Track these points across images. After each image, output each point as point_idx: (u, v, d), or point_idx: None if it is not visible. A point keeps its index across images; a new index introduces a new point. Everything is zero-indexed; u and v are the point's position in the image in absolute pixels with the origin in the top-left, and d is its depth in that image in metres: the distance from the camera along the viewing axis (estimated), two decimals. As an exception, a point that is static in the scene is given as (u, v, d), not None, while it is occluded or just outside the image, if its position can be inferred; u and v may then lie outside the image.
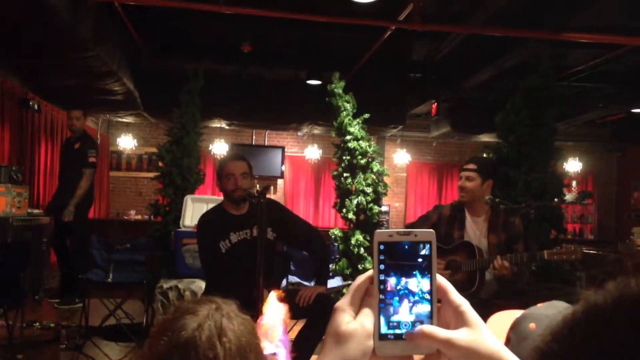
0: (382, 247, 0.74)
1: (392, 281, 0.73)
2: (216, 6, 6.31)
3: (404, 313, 0.73)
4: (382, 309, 0.73)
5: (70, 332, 4.96)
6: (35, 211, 6.80)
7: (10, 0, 4.60)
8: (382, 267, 0.74)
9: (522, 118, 5.67)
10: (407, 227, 4.11)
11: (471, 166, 3.98)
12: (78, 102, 6.99)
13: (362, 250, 5.75)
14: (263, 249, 3.25)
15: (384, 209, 6.22)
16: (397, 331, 0.73)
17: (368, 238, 5.82)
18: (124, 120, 10.91)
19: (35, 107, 7.77)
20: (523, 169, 5.54)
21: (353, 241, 5.76)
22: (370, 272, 0.77)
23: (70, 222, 6.10)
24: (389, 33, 6.50)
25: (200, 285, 5.01)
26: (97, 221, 9.11)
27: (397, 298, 0.73)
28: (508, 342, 1.27)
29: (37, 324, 5.32)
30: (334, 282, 5.54)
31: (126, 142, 11.33)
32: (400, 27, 6.26)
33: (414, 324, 0.72)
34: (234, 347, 1.06)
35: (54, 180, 8.39)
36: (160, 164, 6.30)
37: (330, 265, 5.65)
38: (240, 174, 3.65)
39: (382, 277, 0.73)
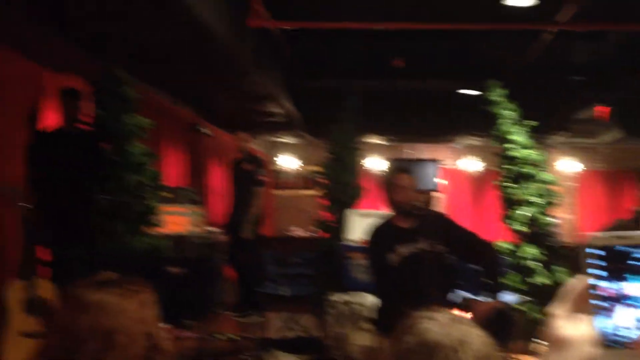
0: (596, 251, 0.70)
1: (609, 286, 0.69)
2: (370, 24, 6.41)
3: (625, 319, 0.68)
4: (600, 315, 0.69)
5: (251, 344, 5.18)
6: (212, 229, 7.26)
7: (177, 31, 4.96)
8: (597, 272, 0.70)
9: None
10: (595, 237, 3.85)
11: None
12: (242, 125, 7.37)
13: (534, 263, 5.49)
14: (431, 261, 3.22)
15: (554, 220, 5.90)
16: (619, 339, 0.68)
17: (539, 250, 5.55)
18: (285, 140, 11.35)
19: (205, 131, 8.31)
20: None
21: (523, 254, 5.52)
22: (583, 277, 0.72)
23: (247, 239, 6.47)
24: (547, 36, 6.22)
25: (369, 299, 5.03)
26: (264, 238, 9.50)
27: (615, 304, 0.69)
28: None
29: (220, 336, 5.62)
30: (505, 297, 5.33)
31: (288, 162, 11.78)
32: (562, 29, 5.96)
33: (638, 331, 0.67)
34: (478, 357, 1.05)
35: (226, 199, 8.92)
36: (322, 181, 6.46)
37: (501, 279, 5.45)
38: (411, 186, 3.66)
39: (597, 282, 0.69)
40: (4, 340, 3.50)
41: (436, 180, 11.52)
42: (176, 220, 6.14)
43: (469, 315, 3.43)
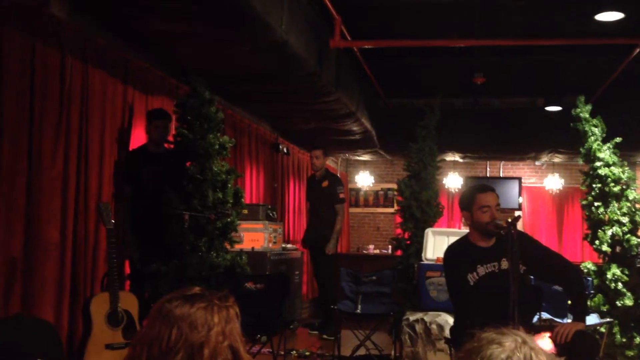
0: None
1: None
2: (450, 41, 6.39)
3: None
4: None
5: (325, 360, 5.23)
6: (289, 246, 7.37)
7: (263, 55, 5.09)
8: None
9: None
10: None
11: None
12: (319, 143, 7.47)
13: (619, 285, 5.28)
14: (515, 282, 3.15)
15: (641, 240, 5.67)
16: None
17: (626, 272, 5.33)
18: (361, 158, 11.39)
19: (285, 150, 8.46)
20: None
21: (609, 275, 5.31)
22: None
23: (329, 256, 6.58)
24: (636, 50, 6.00)
25: (445, 318, 4.98)
26: (340, 255, 9.57)
27: None
28: None
29: (295, 352, 5.70)
30: (590, 320, 5.15)
31: (364, 179, 11.82)
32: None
33: None
34: None
35: (302, 216, 9.05)
36: (399, 198, 6.45)
37: (586, 301, 5.28)
38: (494, 205, 3.61)
39: None
40: (87, 351, 3.66)
41: (518, 198, 11.25)
42: (254, 237, 6.28)
43: (547, 338, 3.33)
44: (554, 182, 11.13)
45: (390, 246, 7.48)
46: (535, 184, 11.77)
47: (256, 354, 4.65)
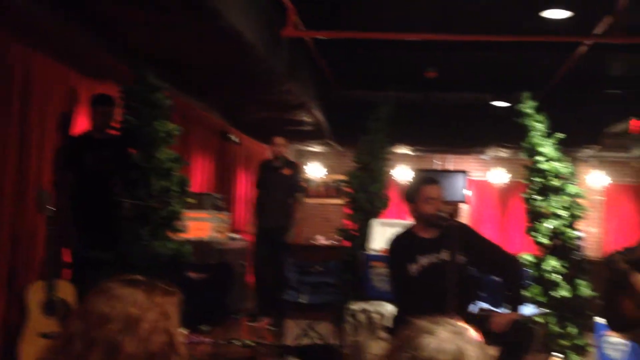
0: None
1: None
2: (402, 34, 6.43)
3: None
4: None
5: (267, 350, 5.23)
6: (236, 235, 7.33)
7: (213, 41, 5.03)
8: None
9: None
10: (625, 253, 3.83)
11: None
12: (271, 133, 7.45)
13: (557, 276, 5.44)
14: (453, 272, 3.22)
15: (579, 234, 5.84)
16: None
17: (563, 264, 5.50)
18: (312, 149, 11.41)
19: (235, 139, 8.40)
20: None
21: (547, 267, 5.47)
22: None
23: (288, 245, 6.59)
24: (583, 49, 6.17)
25: (388, 308, 5.05)
26: (289, 246, 9.58)
27: None
28: None
29: (237, 341, 5.68)
30: (526, 310, 5.29)
31: (315, 170, 11.84)
32: (598, 41, 5.90)
33: None
34: None
35: (250, 205, 9.01)
36: (348, 189, 6.49)
37: (523, 291, 5.41)
38: (439, 198, 3.68)
39: None
40: (22, 340, 3.58)
41: (464, 191, 11.46)
42: (200, 226, 6.23)
43: (479, 328, 3.41)
44: (499, 176, 11.39)
45: (338, 237, 7.53)
46: (481, 178, 12.00)
47: (198, 344, 4.62)
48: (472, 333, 2.44)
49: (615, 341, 5.59)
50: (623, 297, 3.80)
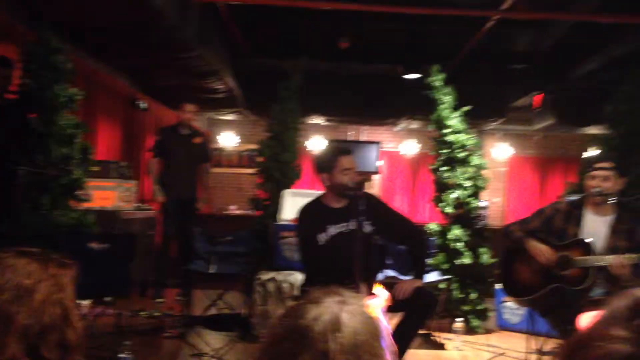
0: None
1: None
2: (315, 2, 6.38)
3: None
4: None
5: (174, 321, 5.17)
6: (142, 205, 7.14)
7: (117, 3, 4.83)
8: None
9: (634, 107, 5.38)
10: (521, 224, 4.01)
11: (608, 164, 3.76)
12: (182, 101, 7.26)
13: (460, 244, 5.65)
14: (360, 242, 3.26)
15: (483, 203, 6.05)
16: None
17: (466, 232, 5.70)
18: (225, 117, 11.23)
19: (143, 106, 8.14)
20: (634, 160, 5.26)
21: (451, 236, 5.66)
22: None
23: (196, 215, 6.56)
24: (490, 24, 6.33)
25: (297, 277, 5.08)
26: (199, 215, 9.44)
27: None
28: None
29: (143, 313, 5.59)
30: (431, 277, 5.47)
31: (227, 139, 11.68)
32: (504, 17, 6.08)
33: None
34: (347, 344, 1.03)
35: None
36: (260, 159, 6.45)
37: (428, 260, 5.58)
38: (355, 168, 3.71)
39: None
40: None
41: (376, 162, 11.64)
42: (104, 195, 6.03)
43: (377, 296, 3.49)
44: (410, 147, 11.65)
45: (250, 207, 7.48)
46: (393, 149, 12.23)
47: (100, 316, 4.50)
48: (377, 301, 2.48)
49: (512, 306, 5.88)
50: (518, 264, 3.99)
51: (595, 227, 3.78)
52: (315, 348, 1.01)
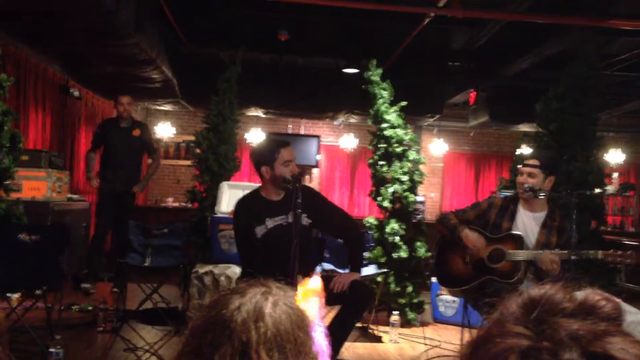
0: None
1: None
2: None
3: None
4: None
5: (108, 315, 5.06)
6: (75, 196, 6.94)
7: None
8: None
9: (564, 106, 5.57)
10: (457, 213, 4.09)
11: (533, 162, 3.87)
12: (117, 90, 7.10)
13: (397, 238, 5.72)
14: (298, 234, 3.26)
15: (420, 198, 6.16)
16: None
17: (403, 226, 5.78)
18: (162, 108, 11.02)
19: (76, 94, 7.90)
20: (564, 158, 5.45)
21: (388, 229, 5.72)
22: None
23: (129, 208, 6.46)
24: (427, 20, 6.43)
25: (235, 270, 5.05)
26: (135, 208, 9.24)
27: None
28: None
29: (75, 306, 5.44)
30: (368, 270, 5.52)
31: (164, 130, 11.47)
32: (440, 14, 6.18)
33: None
34: (270, 334, 1.03)
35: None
36: (197, 150, 6.36)
37: (365, 253, 5.63)
38: (294, 160, 3.70)
39: None
40: None
41: (316, 156, 11.68)
42: (35, 185, 5.82)
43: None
44: (349, 142, 11.73)
45: (187, 199, 7.37)
46: (332, 143, 12.29)
47: (29, 309, 4.35)
48: (311, 293, 2.47)
49: (447, 299, 6.02)
50: (452, 255, 4.08)
51: (528, 223, 3.91)
52: (237, 338, 1.00)
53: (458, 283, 4.03)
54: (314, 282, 2.39)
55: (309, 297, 2.18)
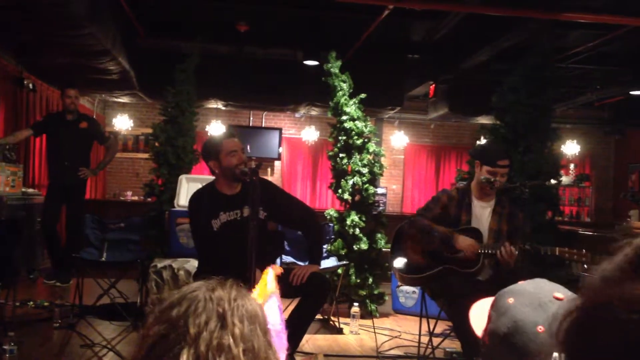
0: None
1: None
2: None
3: None
4: None
5: (64, 311, 4.96)
6: (30, 190, 6.78)
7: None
8: None
9: (520, 98, 5.63)
10: (420, 211, 4.11)
11: (507, 162, 3.90)
12: (73, 81, 6.94)
13: (357, 230, 5.73)
14: (255, 228, 3.23)
15: (381, 191, 6.19)
16: None
17: (363, 219, 5.80)
18: (119, 100, 10.82)
19: (30, 86, 7.71)
20: (519, 149, 5.52)
21: (348, 222, 5.73)
22: None
23: (83, 201, 6.35)
24: (387, 12, 6.44)
25: (194, 264, 4.99)
26: (93, 201, 9.09)
27: None
28: (489, 320, 1.24)
29: (31, 302, 5.32)
30: (328, 262, 5.53)
31: (122, 123, 11.28)
32: (399, 6, 6.19)
33: None
34: (219, 329, 1.02)
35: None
36: (155, 143, 6.26)
37: (326, 246, 5.64)
38: (241, 149, 3.67)
39: None
40: None
41: (277, 148, 11.64)
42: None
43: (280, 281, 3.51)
44: (310, 134, 11.72)
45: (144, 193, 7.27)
46: (294, 135, 12.25)
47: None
48: (267, 285, 2.45)
49: (407, 289, 6.06)
50: (410, 244, 4.11)
51: (481, 212, 3.98)
52: (188, 335, 0.99)
53: (417, 272, 4.06)
54: (269, 275, 2.37)
55: (264, 288, 2.16)
